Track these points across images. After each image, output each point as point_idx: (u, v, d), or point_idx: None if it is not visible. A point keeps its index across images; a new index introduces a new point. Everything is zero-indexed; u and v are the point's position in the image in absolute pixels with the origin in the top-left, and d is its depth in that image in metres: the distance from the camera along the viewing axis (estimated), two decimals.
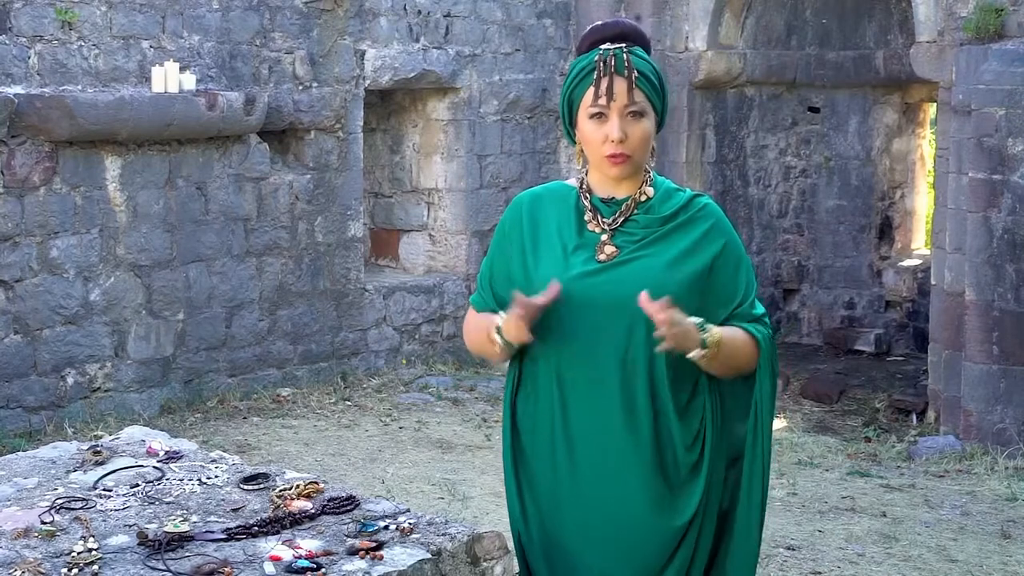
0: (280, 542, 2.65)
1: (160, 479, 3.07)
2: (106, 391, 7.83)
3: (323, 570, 2.51)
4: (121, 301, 7.88)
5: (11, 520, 2.77)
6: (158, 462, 3.20)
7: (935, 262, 8.74)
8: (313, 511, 2.82)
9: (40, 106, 7.28)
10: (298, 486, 2.96)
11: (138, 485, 3.02)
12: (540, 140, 10.46)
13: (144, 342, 8.01)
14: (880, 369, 10.41)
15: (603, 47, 2.62)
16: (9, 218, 7.31)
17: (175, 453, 3.27)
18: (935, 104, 10.18)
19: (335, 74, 8.94)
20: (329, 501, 2.88)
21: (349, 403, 8.54)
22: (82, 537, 2.67)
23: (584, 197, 2.70)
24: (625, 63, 2.60)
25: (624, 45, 2.63)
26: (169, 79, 7.75)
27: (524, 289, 2.65)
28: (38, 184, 7.43)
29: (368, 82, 9.19)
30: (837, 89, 11.00)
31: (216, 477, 3.09)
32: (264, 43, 8.55)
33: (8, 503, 2.90)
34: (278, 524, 2.74)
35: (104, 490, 2.99)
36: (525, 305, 2.54)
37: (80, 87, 7.58)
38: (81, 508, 2.86)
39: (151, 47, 7.96)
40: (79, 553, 2.58)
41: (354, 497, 2.91)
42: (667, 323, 2.47)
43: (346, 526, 2.77)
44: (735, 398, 2.69)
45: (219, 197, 8.34)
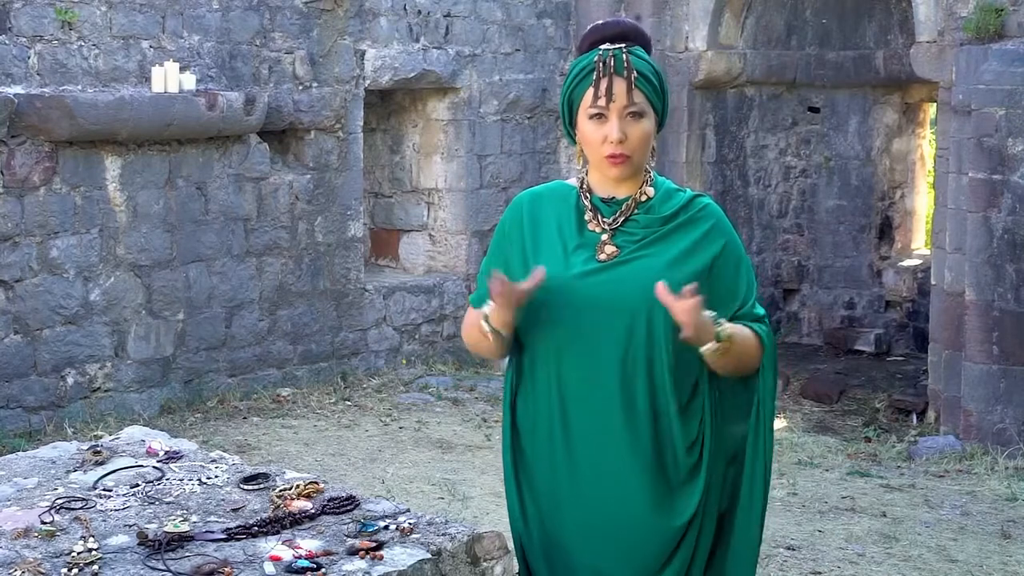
0: (280, 542, 2.65)
1: (160, 479, 3.07)
2: (106, 391, 7.83)
3: (323, 570, 2.51)
4: (121, 301, 7.88)
5: (11, 520, 2.76)
6: (158, 462, 3.19)
7: (935, 262, 8.74)
8: (313, 511, 2.82)
9: (40, 106, 7.28)
10: (298, 486, 2.96)
11: (138, 485, 3.02)
12: (540, 140, 10.46)
13: (144, 342, 8.01)
14: (880, 369, 10.41)
15: (603, 47, 2.62)
16: (9, 218, 7.32)
17: (175, 453, 3.27)
18: (935, 104, 10.18)
19: (335, 74, 8.94)
20: (329, 501, 2.88)
21: (349, 403, 8.53)
22: (82, 537, 2.67)
23: (584, 197, 2.70)
24: (624, 64, 2.59)
25: (624, 45, 2.62)
26: (169, 79, 7.75)
27: None
28: (38, 184, 7.43)
29: (368, 82, 9.19)
30: (837, 89, 11.00)
31: (216, 477, 3.08)
32: (264, 43, 8.55)
33: (8, 503, 2.90)
34: (278, 524, 2.74)
35: (104, 490, 2.99)
36: (503, 283, 2.53)
37: (80, 87, 7.58)
38: (81, 508, 2.86)
39: (151, 47, 7.96)
40: (79, 553, 2.58)
41: (354, 497, 2.91)
42: (691, 311, 2.46)
43: (346, 526, 2.76)
44: (734, 398, 2.69)
45: (219, 197, 8.34)
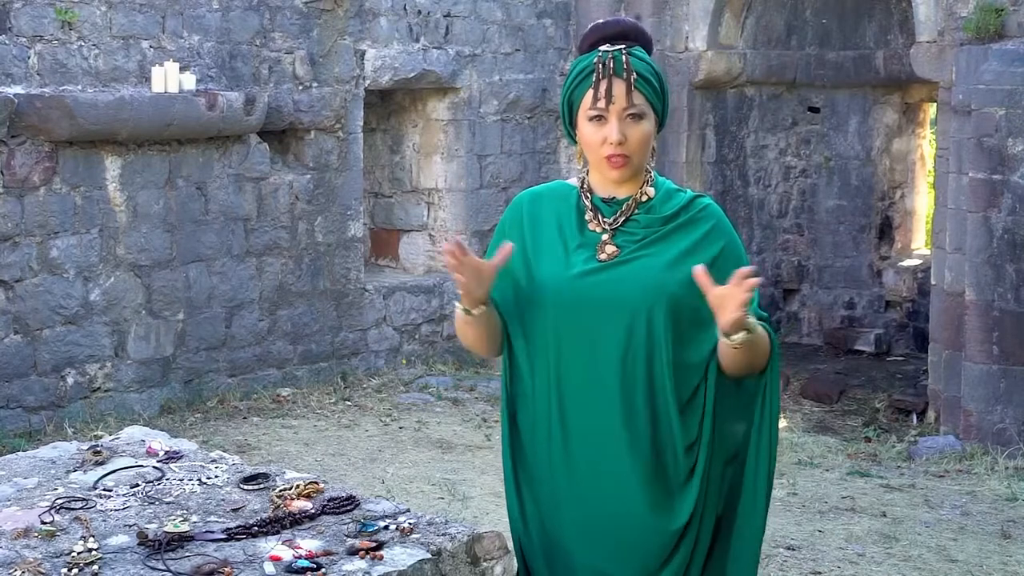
0: (280, 542, 2.65)
1: (160, 479, 3.06)
2: (106, 391, 7.83)
3: (323, 570, 2.51)
4: (121, 301, 7.87)
5: (11, 520, 2.76)
6: (158, 462, 3.19)
7: (935, 262, 8.74)
8: (313, 511, 2.82)
9: (40, 106, 7.28)
10: (298, 486, 2.95)
11: (138, 485, 3.01)
12: (540, 140, 10.46)
13: (144, 342, 8.01)
14: (880, 369, 10.41)
15: (602, 49, 2.61)
16: (9, 218, 7.31)
17: (175, 453, 3.26)
18: (935, 104, 10.18)
19: (335, 74, 8.94)
20: (329, 501, 2.88)
21: (349, 403, 8.53)
22: (82, 537, 2.67)
23: (585, 197, 2.70)
24: (624, 65, 2.58)
25: (624, 45, 2.61)
26: (169, 79, 7.75)
27: (526, 288, 2.66)
28: (38, 184, 7.43)
29: (368, 82, 9.19)
30: (837, 89, 11.00)
31: (216, 477, 3.08)
32: (264, 43, 8.55)
33: (8, 503, 2.90)
34: (278, 524, 2.74)
35: (104, 490, 2.98)
36: (456, 253, 2.51)
37: (80, 87, 7.58)
38: (81, 508, 2.86)
39: (151, 47, 7.96)
40: (79, 553, 2.57)
41: (354, 497, 2.91)
42: (743, 296, 2.42)
43: (346, 526, 2.76)
44: (734, 398, 2.69)
45: (219, 197, 8.34)
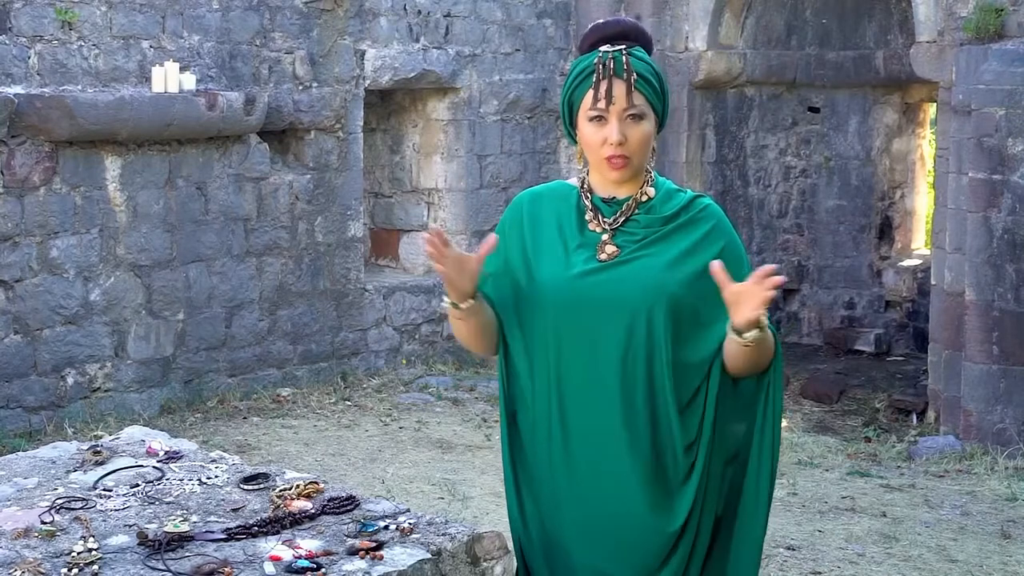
0: (280, 542, 2.65)
1: (160, 479, 3.06)
2: (106, 391, 7.83)
3: (323, 570, 2.51)
4: (121, 301, 7.88)
5: (11, 520, 2.76)
6: (158, 462, 3.19)
7: (935, 262, 8.74)
8: (313, 511, 2.82)
9: (40, 106, 7.28)
10: (298, 486, 2.95)
11: (138, 485, 3.01)
12: (540, 140, 10.46)
13: (144, 342, 8.01)
14: (880, 369, 10.41)
15: (602, 49, 2.60)
16: (9, 218, 7.32)
17: (175, 453, 3.26)
18: (935, 104, 10.18)
19: (335, 74, 8.94)
20: (329, 501, 2.88)
21: (349, 403, 8.53)
22: (82, 537, 2.67)
23: (585, 197, 2.70)
24: (624, 66, 2.58)
25: (624, 46, 2.61)
26: (169, 79, 7.75)
27: (526, 288, 2.66)
28: (38, 184, 7.43)
29: (368, 82, 9.19)
30: (837, 89, 11.00)
31: (216, 477, 3.08)
32: (264, 43, 8.55)
33: (8, 503, 2.90)
34: (278, 524, 2.74)
35: (104, 490, 2.98)
36: (434, 242, 2.51)
37: (80, 87, 7.58)
38: (81, 508, 2.86)
39: (151, 47, 7.96)
40: (79, 553, 2.57)
41: (354, 497, 2.91)
42: (772, 287, 2.42)
43: (346, 526, 2.76)
44: (734, 398, 2.69)
45: (219, 197, 8.34)
